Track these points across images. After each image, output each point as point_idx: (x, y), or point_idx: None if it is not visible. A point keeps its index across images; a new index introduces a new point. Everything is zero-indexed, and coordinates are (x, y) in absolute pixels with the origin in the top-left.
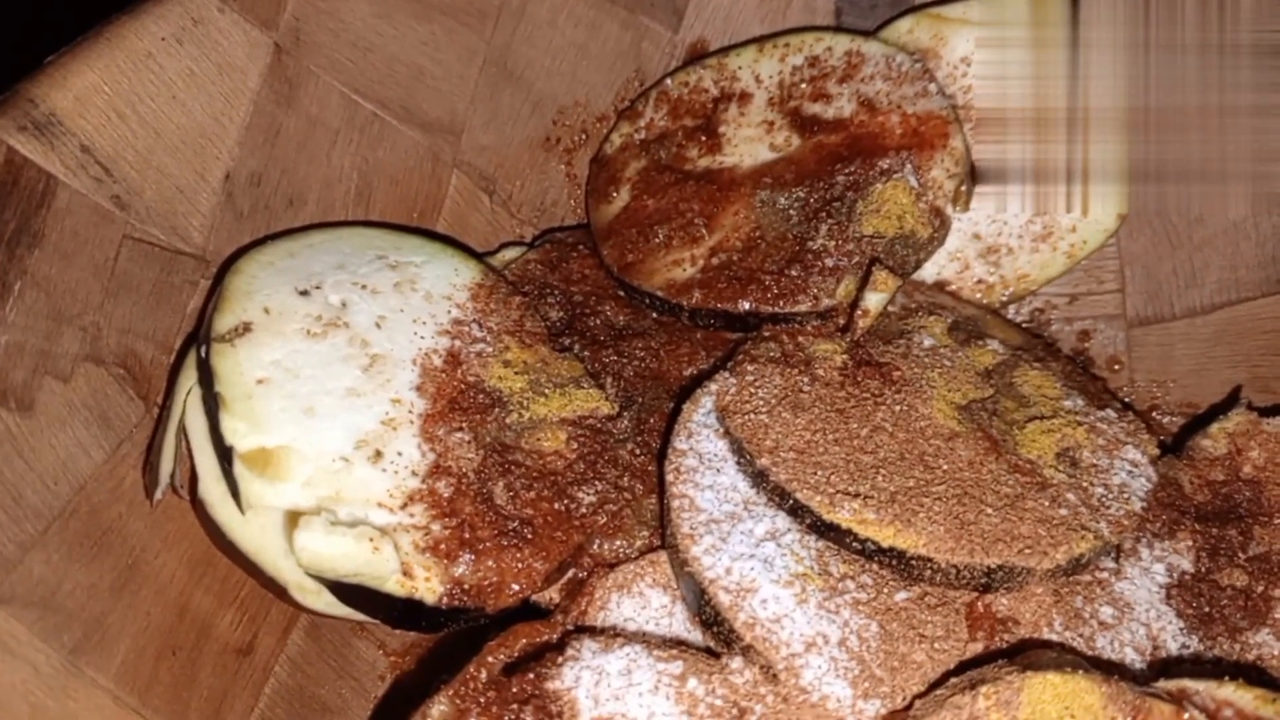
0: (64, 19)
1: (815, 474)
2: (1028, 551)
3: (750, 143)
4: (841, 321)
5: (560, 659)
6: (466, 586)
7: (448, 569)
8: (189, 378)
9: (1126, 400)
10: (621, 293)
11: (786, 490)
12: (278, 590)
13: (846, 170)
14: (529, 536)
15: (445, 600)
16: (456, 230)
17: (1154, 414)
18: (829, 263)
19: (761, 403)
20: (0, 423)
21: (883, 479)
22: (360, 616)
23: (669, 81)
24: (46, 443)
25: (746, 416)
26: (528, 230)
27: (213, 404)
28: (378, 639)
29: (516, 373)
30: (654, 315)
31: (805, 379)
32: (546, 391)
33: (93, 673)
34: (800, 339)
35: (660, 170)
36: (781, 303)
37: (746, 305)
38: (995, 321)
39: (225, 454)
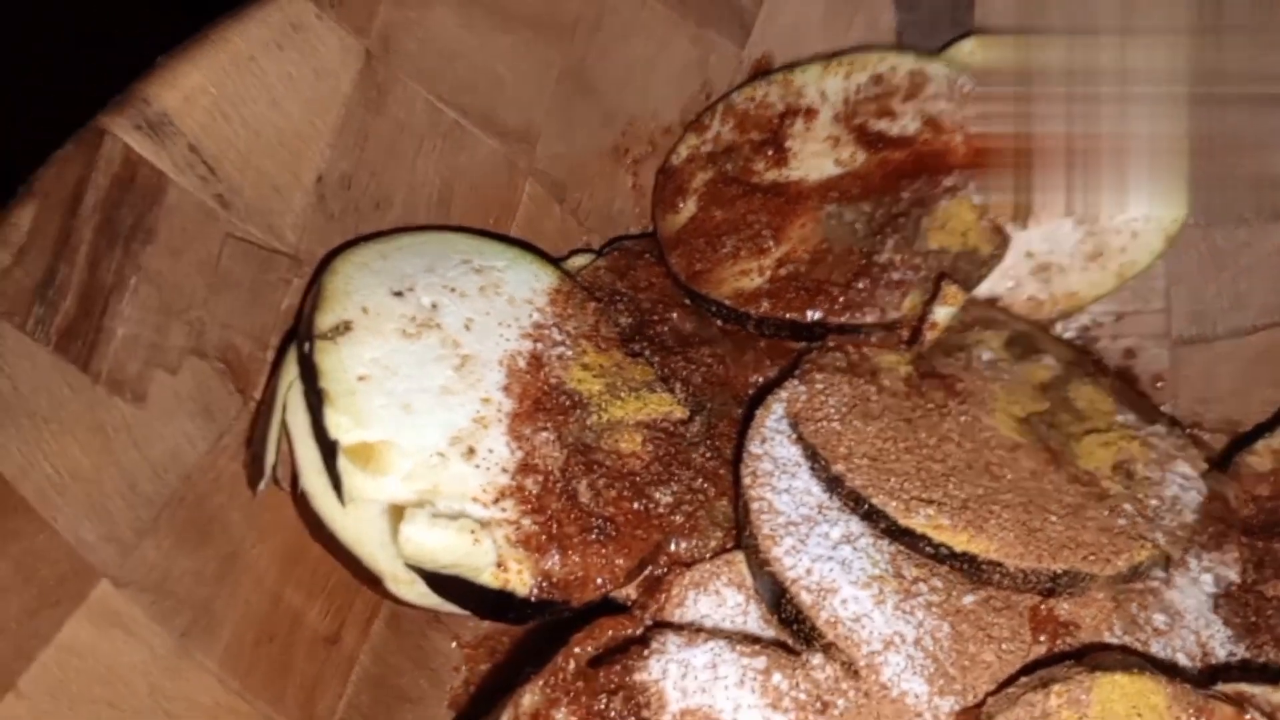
0: (171, 21)
1: (889, 480)
2: (1092, 558)
3: (816, 157)
4: (905, 334)
5: (646, 652)
6: (555, 580)
7: (538, 562)
8: (289, 373)
9: (1172, 417)
10: (687, 301)
11: (861, 495)
12: (372, 580)
13: (912, 186)
14: (612, 534)
15: (535, 593)
16: (529, 236)
17: (1196, 431)
18: (895, 276)
19: (833, 410)
20: (117, 412)
21: (953, 486)
22: (448, 607)
23: (735, 96)
24: (157, 433)
25: (819, 424)
26: (594, 238)
27: (316, 399)
28: (453, 631)
29: (594, 376)
30: (719, 323)
31: (873, 389)
32: (622, 395)
33: (201, 656)
34: (865, 350)
35: (727, 182)
36: (849, 314)
37: (815, 315)
38: (1046, 337)
39: (329, 448)
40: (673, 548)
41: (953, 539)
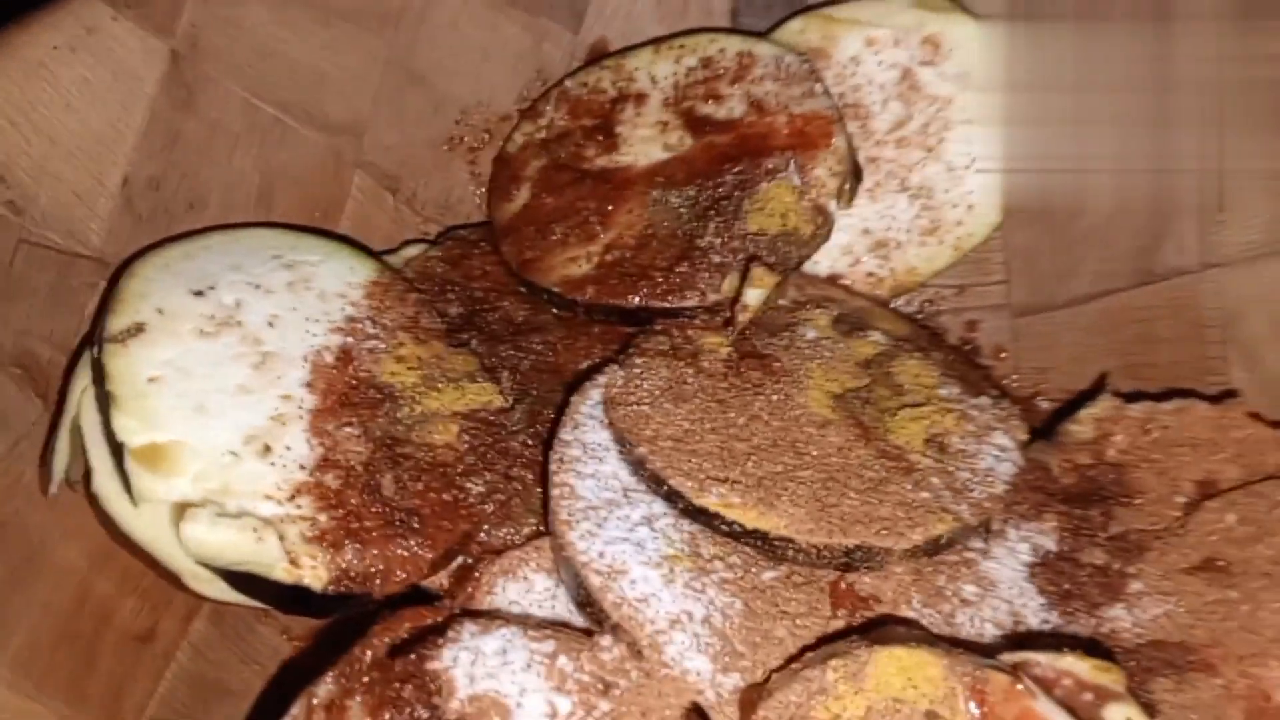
0: None
1: (689, 461)
2: (885, 533)
3: (645, 142)
4: (726, 315)
5: (441, 641)
6: (353, 574)
7: (334, 557)
8: (84, 376)
9: (1010, 388)
10: (522, 289)
11: (661, 476)
12: (173, 579)
13: (735, 170)
14: (415, 526)
15: (331, 587)
16: (360, 229)
17: (1037, 400)
18: (716, 259)
19: (645, 394)
20: None
21: (752, 465)
22: (258, 603)
23: (569, 82)
24: None
25: (630, 407)
26: (432, 228)
27: (105, 402)
28: (282, 624)
29: (409, 368)
30: (553, 311)
31: (690, 371)
32: (439, 386)
33: None
34: (689, 332)
35: (559, 169)
36: (670, 298)
37: (637, 300)
38: (882, 313)
39: (117, 450)
40: (484, 536)
41: (743, 516)
